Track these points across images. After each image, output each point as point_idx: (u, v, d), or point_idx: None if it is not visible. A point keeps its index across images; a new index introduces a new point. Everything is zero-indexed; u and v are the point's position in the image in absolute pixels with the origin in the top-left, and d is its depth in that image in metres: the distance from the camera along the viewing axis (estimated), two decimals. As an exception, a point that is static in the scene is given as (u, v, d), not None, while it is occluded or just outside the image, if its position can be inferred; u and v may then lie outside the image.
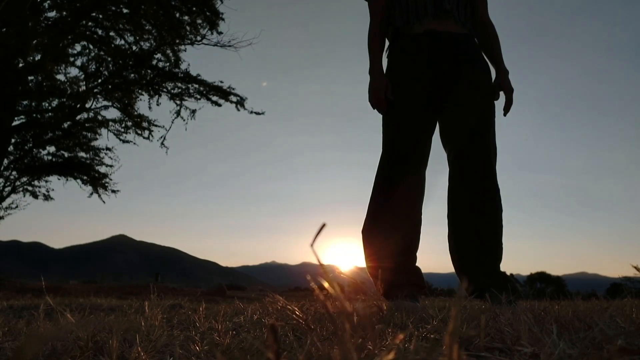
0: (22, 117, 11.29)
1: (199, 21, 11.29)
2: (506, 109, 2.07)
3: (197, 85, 11.90)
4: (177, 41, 11.43)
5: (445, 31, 1.99)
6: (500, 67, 2.14)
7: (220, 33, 11.31)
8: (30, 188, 12.74)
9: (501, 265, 1.92)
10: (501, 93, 2.09)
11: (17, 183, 12.38)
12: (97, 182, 12.73)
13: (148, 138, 12.56)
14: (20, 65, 10.24)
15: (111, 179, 12.91)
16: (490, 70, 2.09)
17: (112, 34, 11.63)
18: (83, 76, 11.84)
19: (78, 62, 11.73)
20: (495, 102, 2.11)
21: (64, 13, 10.57)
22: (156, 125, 12.51)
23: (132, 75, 11.88)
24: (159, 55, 11.78)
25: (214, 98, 12.00)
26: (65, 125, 11.99)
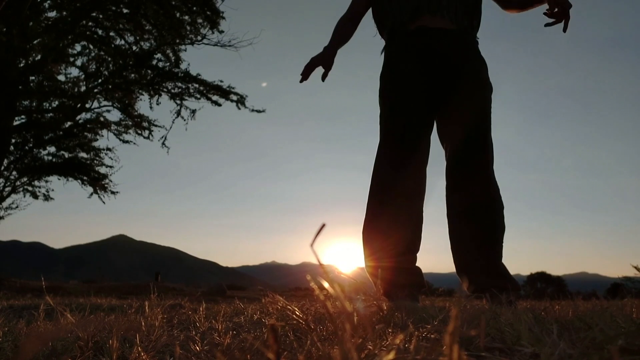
0: (23, 117, 11.31)
1: (200, 20, 11.31)
2: (565, 24, 1.84)
3: (197, 85, 11.92)
4: (177, 41, 11.44)
5: (437, 27, 1.97)
6: None
7: (221, 32, 11.33)
8: (30, 188, 12.78)
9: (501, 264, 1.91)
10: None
11: (17, 183, 12.40)
12: (97, 182, 12.75)
13: (148, 138, 12.61)
14: (21, 65, 10.25)
15: (111, 180, 12.95)
16: (486, 66, 2.05)
17: (112, 34, 11.65)
18: (83, 76, 11.86)
19: (78, 62, 11.78)
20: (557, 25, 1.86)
21: (64, 13, 10.59)
22: (156, 125, 12.55)
23: (132, 75, 11.90)
24: (159, 55, 11.81)
25: (214, 97, 12.04)
26: (67, 125, 12.02)
